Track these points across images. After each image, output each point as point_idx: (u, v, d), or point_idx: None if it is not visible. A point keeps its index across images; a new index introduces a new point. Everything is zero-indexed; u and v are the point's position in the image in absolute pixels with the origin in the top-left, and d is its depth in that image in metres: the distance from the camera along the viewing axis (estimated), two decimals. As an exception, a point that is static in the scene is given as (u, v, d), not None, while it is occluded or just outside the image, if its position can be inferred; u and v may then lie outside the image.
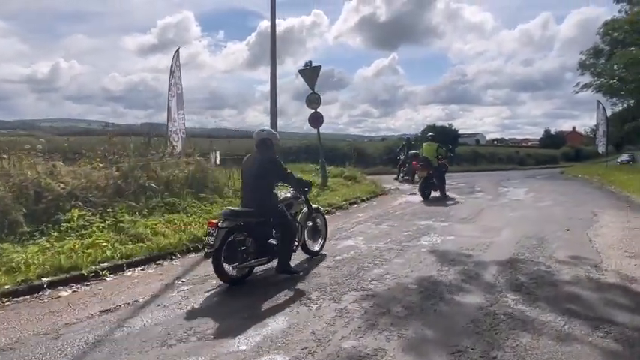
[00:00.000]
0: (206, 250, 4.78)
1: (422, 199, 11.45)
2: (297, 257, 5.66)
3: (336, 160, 18.69)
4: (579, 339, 3.48)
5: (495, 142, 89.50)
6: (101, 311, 4.16)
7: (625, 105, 26.79)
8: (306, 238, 5.92)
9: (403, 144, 18.37)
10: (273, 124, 11.98)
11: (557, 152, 54.12)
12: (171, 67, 10.05)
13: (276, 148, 5.45)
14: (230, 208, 5.24)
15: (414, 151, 17.36)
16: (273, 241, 5.13)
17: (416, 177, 16.97)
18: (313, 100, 11.76)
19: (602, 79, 24.75)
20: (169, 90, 10.04)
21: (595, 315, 3.94)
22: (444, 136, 32.74)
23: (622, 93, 24.73)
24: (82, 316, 4.04)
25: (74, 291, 4.78)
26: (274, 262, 5.16)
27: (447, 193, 12.11)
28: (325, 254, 6.06)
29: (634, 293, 4.55)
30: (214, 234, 4.66)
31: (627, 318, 3.88)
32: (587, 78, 26.44)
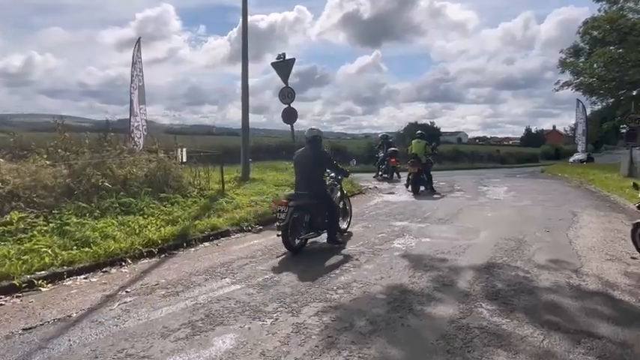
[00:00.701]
0: (277, 224, 5.87)
1: (406, 197, 11.26)
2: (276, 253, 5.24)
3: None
4: (559, 357, 3.18)
5: (477, 141, 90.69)
6: (24, 329, 3.67)
7: (604, 104, 27.10)
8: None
9: (381, 142, 18.08)
10: (245, 121, 11.53)
11: (537, 151, 54.95)
12: (133, 57, 9.48)
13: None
14: (292, 192, 6.50)
15: (393, 149, 17.12)
16: (322, 219, 6.30)
17: (394, 175, 16.78)
18: (287, 95, 11.34)
19: (581, 78, 24.96)
20: (131, 82, 9.48)
21: (576, 328, 3.65)
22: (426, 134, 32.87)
23: (601, 92, 24.97)
24: (0, 336, 3.55)
25: (0, 304, 4.27)
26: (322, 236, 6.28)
27: (427, 189, 12.76)
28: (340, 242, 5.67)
29: (616, 301, 4.29)
30: (285, 211, 5.78)
31: (610, 331, 3.59)
32: (567, 76, 26.70)
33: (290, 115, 11.44)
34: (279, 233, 5.86)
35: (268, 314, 3.90)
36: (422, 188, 12.60)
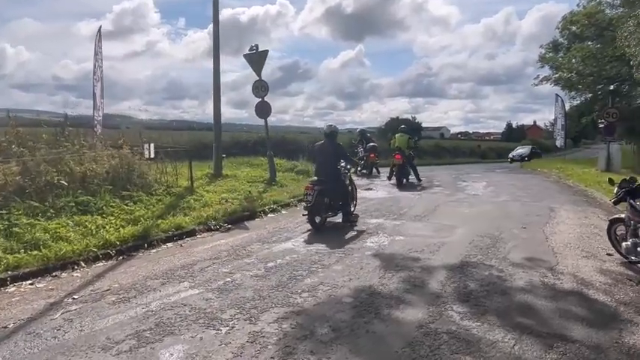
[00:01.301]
0: (304, 205, 7.15)
1: (384, 193, 11.10)
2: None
3: (296, 154, 18.05)
4: (530, 364, 3.01)
5: (460, 136, 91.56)
6: (-50, 344, 3.34)
7: (583, 99, 27.42)
8: None
9: (359, 137, 17.88)
10: (217, 116, 11.19)
11: (518, 145, 55.60)
12: (95, 48, 9.04)
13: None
14: (315, 178, 7.43)
15: (372, 144, 16.96)
16: (337, 202, 7.49)
17: (374, 171, 16.63)
18: (260, 88, 11.00)
19: (560, 73, 25.18)
20: (94, 74, 9.05)
21: (549, 331, 3.50)
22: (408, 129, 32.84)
23: (579, 87, 25.24)
24: None
25: None
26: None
27: (409, 181, 13.60)
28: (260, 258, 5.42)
29: (590, 301, 4.17)
30: (311, 194, 6.97)
31: (584, 334, 3.46)
32: (546, 71, 26.92)
33: (264, 109, 11.11)
34: (305, 213, 7.12)
35: (224, 322, 3.64)
36: (405, 180, 13.33)
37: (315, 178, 7.44)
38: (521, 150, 36.29)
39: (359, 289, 4.41)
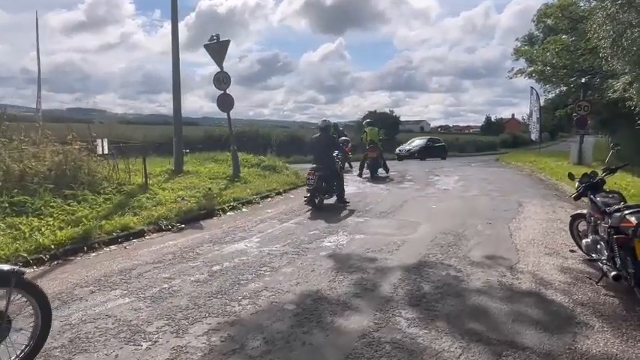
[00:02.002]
0: (307, 188, 8.47)
1: (354, 188, 11.00)
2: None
3: (267, 149, 17.68)
4: (474, 377, 2.80)
5: (440, 129, 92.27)
6: None
7: (557, 91, 27.75)
8: None
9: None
10: (177, 108, 10.75)
11: (496, 139, 56.26)
12: (37, 38, 8.51)
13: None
14: (315, 165, 8.67)
15: (344, 138, 16.71)
16: (332, 186, 8.81)
17: (346, 165, 16.40)
18: (222, 80, 10.60)
19: (534, 66, 25.37)
20: (38, 65, 8.52)
21: (500, 337, 3.30)
22: (384, 122, 32.62)
23: (553, 79, 25.51)
24: None
25: None
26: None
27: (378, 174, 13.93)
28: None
29: (547, 302, 4.00)
30: (313, 179, 8.30)
31: (536, 339, 3.27)
32: (522, 64, 27.13)
33: (226, 102, 10.71)
34: (307, 195, 8.45)
35: (148, 335, 3.33)
36: (381, 170, 13.90)
37: (315, 165, 8.70)
38: (417, 143, 28.84)
39: (305, 294, 4.15)
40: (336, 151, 9.31)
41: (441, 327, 3.48)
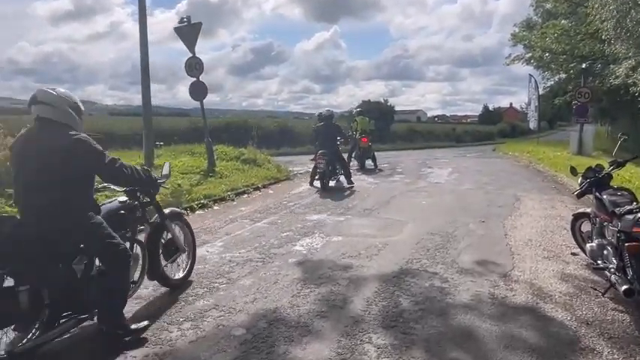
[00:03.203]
0: (317, 171, 9.59)
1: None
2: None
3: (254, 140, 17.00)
4: None
5: (437, 119, 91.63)
6: None
7: (556, 78, 27.18)
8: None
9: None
10: (146, 99, 10.08)
11: (494, 128, 55.67)
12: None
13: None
14: (322, 151, 9.54)
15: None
16: (337, 169, 10.08)
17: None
18: (194, 66, 9.93)
19: (533, 52, 24.76)
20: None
21: (487, 371, 2.74)
22: (379, 112, 31.89)
23: (552, 66, 24.92)
24: None
25: None
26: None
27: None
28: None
29: (546, 321, 3.44)
30: (323, 162, 9.40)
31: (531, 374, 2.71)
32: (519, 50, 26.51)
33: (198, 90, 10.04)
34: (317, 177, 9.66)
35: (54, 375, 2.75)
36: (369, 162, 13.58)
37: (322, 151, 9.55)
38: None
39: (260, 313, 3.56)
40: (339, 138, 10.40)
41: (417, 357, 2.91)
